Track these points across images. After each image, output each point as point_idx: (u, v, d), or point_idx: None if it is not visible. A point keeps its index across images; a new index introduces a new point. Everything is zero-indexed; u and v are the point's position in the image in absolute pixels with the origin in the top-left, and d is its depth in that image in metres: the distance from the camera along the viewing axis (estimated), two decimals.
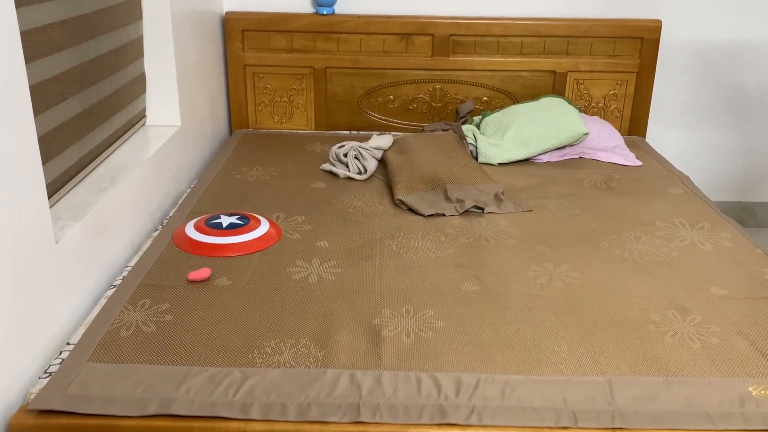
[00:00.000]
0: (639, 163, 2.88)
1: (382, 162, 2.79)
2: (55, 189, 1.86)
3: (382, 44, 3.18)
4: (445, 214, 2.34)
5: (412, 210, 2.37)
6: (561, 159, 2.91)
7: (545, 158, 2.90)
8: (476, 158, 2.87)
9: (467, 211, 2.36)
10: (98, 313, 1.73)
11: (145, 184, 2.27)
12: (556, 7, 3.22)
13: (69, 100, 1.93)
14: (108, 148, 2.25)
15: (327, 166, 2.74)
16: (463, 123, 3.15)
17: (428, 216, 2.32)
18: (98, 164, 2.17)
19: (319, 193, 2.53)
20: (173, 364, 1.54)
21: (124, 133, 2.40)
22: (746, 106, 3.42)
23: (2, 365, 1.44)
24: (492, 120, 3.02)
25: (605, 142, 2.97)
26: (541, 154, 2.90)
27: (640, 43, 3.18)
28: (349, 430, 1.40)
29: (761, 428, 1.41)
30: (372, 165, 2.70)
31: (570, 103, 3.07)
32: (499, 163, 2.85)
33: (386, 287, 1.89)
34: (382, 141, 2.83)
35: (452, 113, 3.29)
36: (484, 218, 2.33)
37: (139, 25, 2.45)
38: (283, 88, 3.27)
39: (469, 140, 2.94)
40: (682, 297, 1.87)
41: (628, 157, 2.91)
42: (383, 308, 1.78)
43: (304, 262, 2.01)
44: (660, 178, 2.74)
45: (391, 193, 2.50)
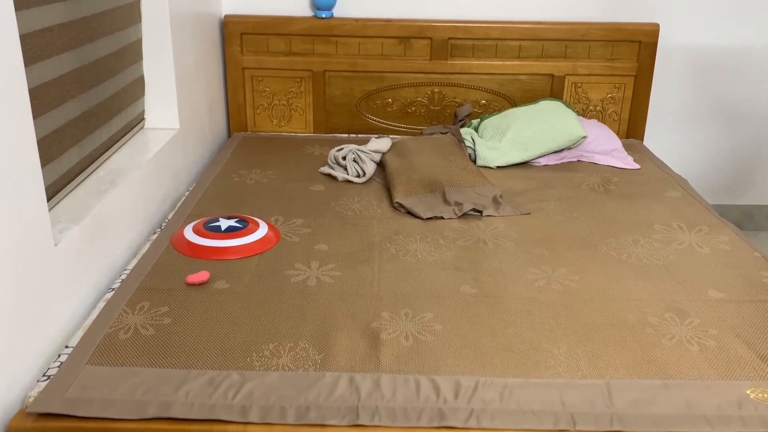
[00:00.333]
0: (637, 166, 2.88)
1: (380, 165, 2.79)
2: (54, 192, 1.87)
3: (380, 47, 3.19)
4: (443, 217, 2.34)
5: (410, 213, 2.37)
6: (559, 162, 2.91)
7: (543, 161, 2.91)
8: (474, 161, 2.87)
9: (466, 214, 2.36)
10: (97, 316, 1.73)
11: (144, 187, 2.27)
12: (554, 11, 3.23)
13: (68, 103, 1.93)
14: (107, 150, 2.25)
15: (326, 169, 2.74)
16: (462, 126, 3.15)
17: (427, 219, 2.33)
18: (97, 167, 2.17)
19: (317, 196, 2.53)
20: (172, 367, 1.54)
21: (123, 136, 2.40)
22: (744, 109, 3.43)
23: (1, 368, 1.44)
24: (490, 123, 3.02)
25: (603, 145, 2.98)
26: (540, 157, 2.91)
27: (637, 47, 3.19)
28: None
29: (759, 431, 1.42)
30: (371, 168, 2.71)
31: (568, 106, 3.08)
32: (498, 167, 2.86)
33: (385, 290, 1.89)
34: (380, 144, 2.83)
35: (451, 116, 3.30)
36: (483, 221, 2.34)
37: (138, 27, 2.46)
38: (281, 91, 3.27)
39: (468, 143, 2.94)
40: (680, 300, 1.88)
41: (626, 160, 2.91)
42: (382, 311, 1.78)
43: (303, 265, 2.01)
44: (658, 181, 2.74)
45: (390, 196, 2.51)
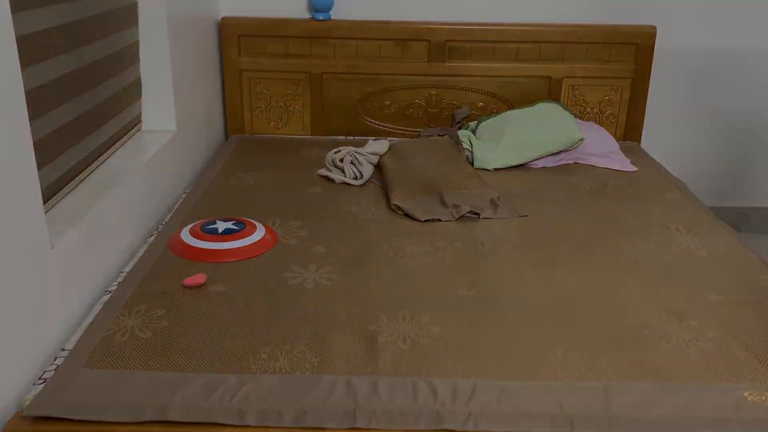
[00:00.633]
0: (634, 168, 2.89)
1: (378, 167, 2.79)
2: (50, 194, 1.86)
3: (378, 50, 3.19)
4: (441, 220, 2.34)
5: (408, 215, 2.37)
6: (557, 164, 2.91)
7: (541, 164, 2.91)
8: (472, 164, 2.87)
9: (463, 217, 2.36)
10: (93, 319, 1.72)
11: (141, 189, 2.27)
12: (551, 14, 3.23)
13: (65, 106, 1.93)
14: (104, 153, 2.25)
15: (323, 172, 2.74)
16: (459, 128, 3.15)
17: (424, 221, 2.32)
18: (94, 169, 2.17)
19: (315, 198, 2.53)
20: (169, 370, 1.54)
21: (120, 139, 2.39)
22: (741, 111, 3.44)
23: None
24: (488, 125, 3.02)
25: (600, 147, 2.98)
26: (537, 159, 2.91)
27: (635, 49, 3.19)
28: None
29: None
30: (368, 170, 2.70)
31: (565, 108, 3.08)
32: (495, 169, 2.86)
33: (382, 293, 1.89)
34: (378, 146, 2.83)
35: (448, 119, 3.30)
36: (480, 224, 2.34)
37: (134, 30, 2.45)
38: (279, 94, 3.27)
39: (465, 146, 2.94)
40: (677, 302, 1.88)
41: (623, 163, 2.91)
42: (379, 314, 1.78)
43: (300, 268, 2.01)
44: (655, 183, 2.75)
45: (387, 199, 2.50)
